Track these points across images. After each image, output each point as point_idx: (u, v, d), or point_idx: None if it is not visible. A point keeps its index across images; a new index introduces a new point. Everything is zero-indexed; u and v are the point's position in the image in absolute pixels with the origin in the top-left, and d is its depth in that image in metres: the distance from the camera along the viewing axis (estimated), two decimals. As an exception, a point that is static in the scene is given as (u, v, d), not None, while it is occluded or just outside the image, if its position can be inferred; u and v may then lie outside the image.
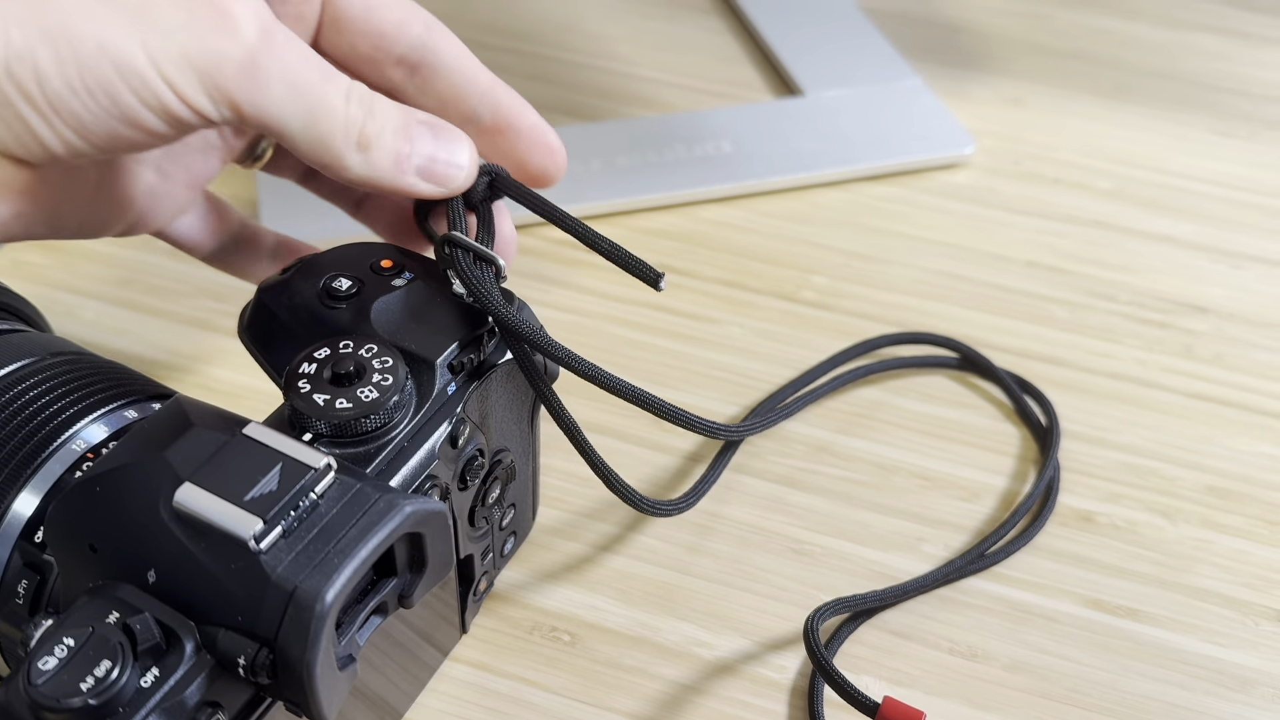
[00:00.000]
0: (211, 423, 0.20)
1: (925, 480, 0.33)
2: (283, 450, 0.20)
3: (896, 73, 0.48)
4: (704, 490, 0.30)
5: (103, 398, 0.24)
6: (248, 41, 0.20)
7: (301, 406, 0.21)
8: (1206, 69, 0.50)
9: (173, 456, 0.19)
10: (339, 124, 0.21)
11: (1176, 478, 0.34)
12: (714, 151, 0.44)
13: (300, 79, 0.20)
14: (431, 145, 0.23)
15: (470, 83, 0.25)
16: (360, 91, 0.22)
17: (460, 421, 0.23)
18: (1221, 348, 0.38)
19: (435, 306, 0.24)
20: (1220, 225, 0.43)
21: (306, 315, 0.24)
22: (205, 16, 0.19)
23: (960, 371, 0.37)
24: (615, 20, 0.52)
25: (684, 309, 0.39)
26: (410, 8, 0.24)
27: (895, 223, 0.42)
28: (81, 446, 0.23)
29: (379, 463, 0.22)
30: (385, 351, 0.22)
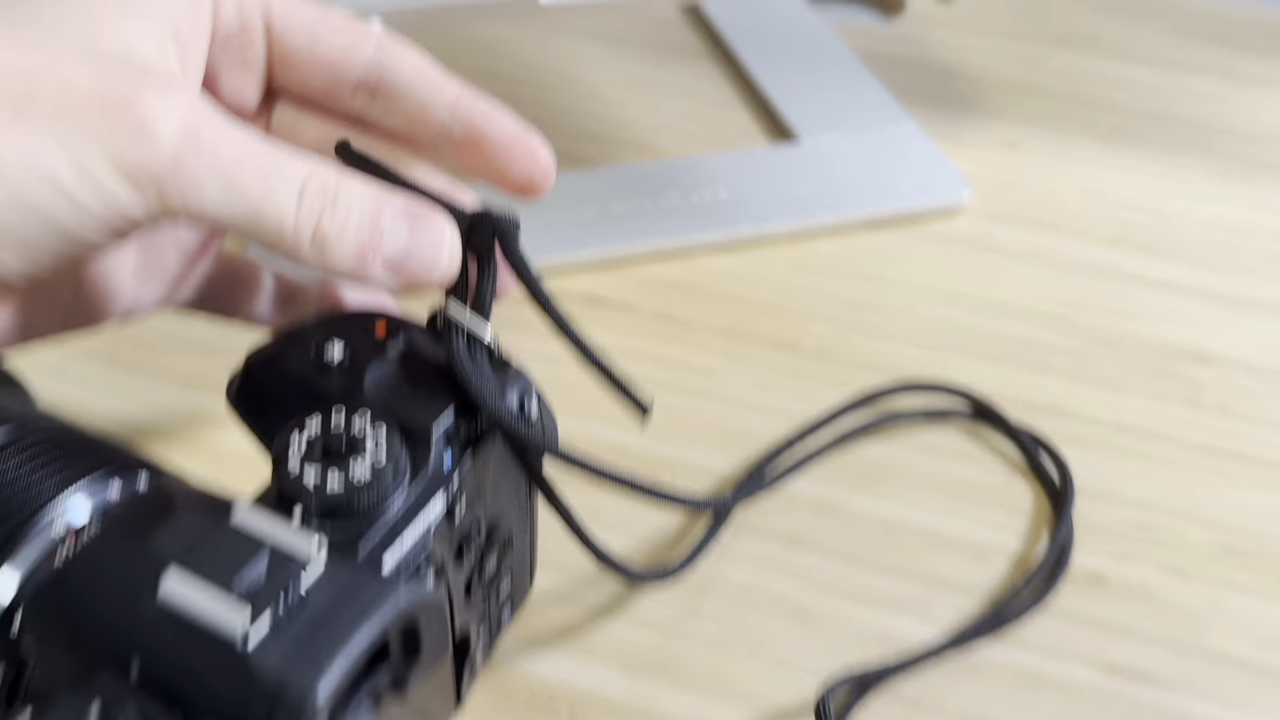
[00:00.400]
0: (196, 505, 0.19)
1: (934, 539, 0.32)
2: (270, 536, 0.19)
3: (891, 117, 0.48)
4: (698, 556, 0.30)
5: (85, 469, 0.23)
6: (168, 145, 0.19)
7: (291, 485, 0.20)
8: (1202, 110, 0.50)
9: (157, 542, 0.19)
10: (287, 222, 0.20)
11: (1187, 535, 0.33)
12: (709, 198, 0.44)
13: (235, 177, 0.19)
14: (406, 238, 0.21)
15: (434, 97, 0.23)
16: (320, 181, 0.20)
17: (457, 494, 0.22)
18: (1227, 397, 0.37)
19: (430, 373, 0.23)
20: (1221, 270, 0.42)
21: (297, 384, 0.23)
22: (122, 121, 0.19)
23: (968, 423, 0.36)
24: (608, 65, 0.52)
25: (681, 359, 0.38)
26: (358, 31, 0.23)
27: (893, 270, 0.42)
28: (62, 526, 0.22)
29: (371, 542, 0.21)
30: (378, 423, 0.22)
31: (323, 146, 0.24)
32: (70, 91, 0.18)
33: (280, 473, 0.21)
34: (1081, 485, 0.34)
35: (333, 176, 0.21)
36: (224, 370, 0.36)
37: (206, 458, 0.34)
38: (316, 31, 0.23)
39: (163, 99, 0.19)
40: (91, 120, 0.18)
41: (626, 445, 0.35)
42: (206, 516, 0.19)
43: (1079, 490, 0.34)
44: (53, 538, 0.22)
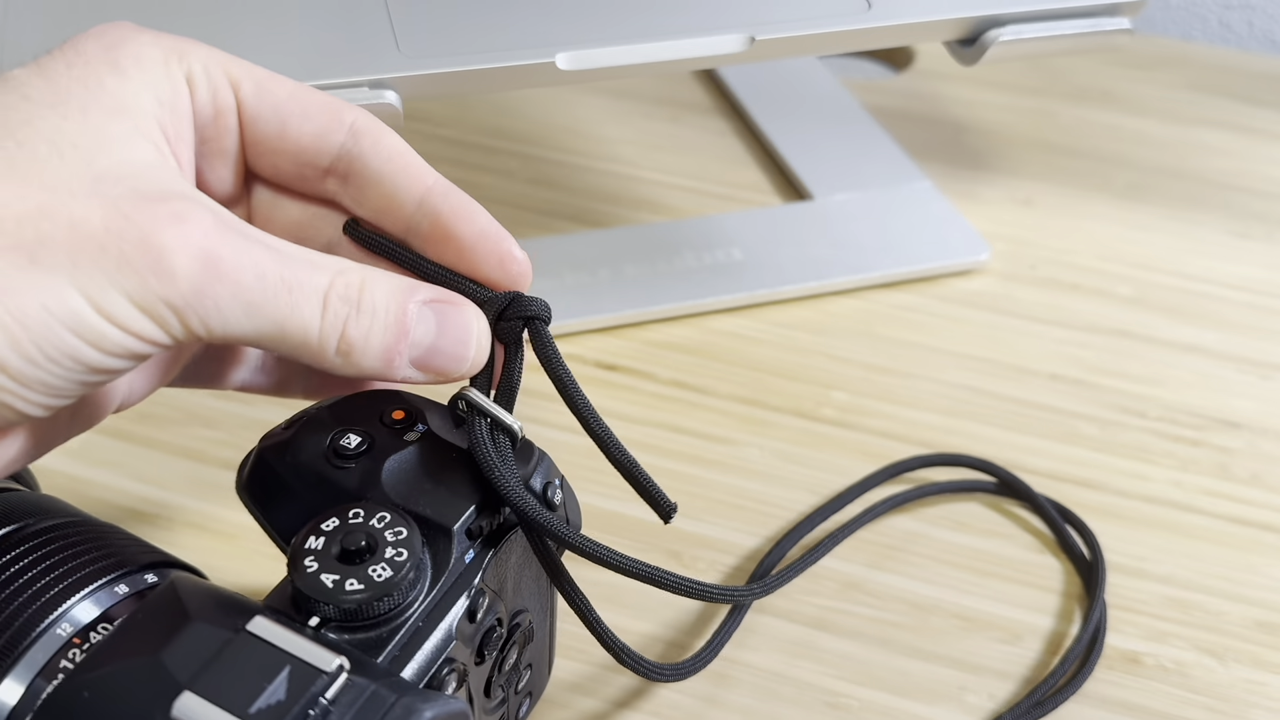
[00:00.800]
0: (211, 615, 0.19)
1: (965, 620, 0.31)
2: (290, 650, 0.18)
3: (905, 175, 0.48)
4: (716, 649, 0.29)
5: (91, 572, 0.22)
6: (187, 278, 0.18)
7: (309, 589, 0.20)
8: (1218, 166, 0.50)
9: (169, 658, 0.18)
10: (312, 336, 0.20)
11: (1223, 612, 0.32)
12: (724, 259, 0.43)
13: (258, 299, 0.19)
14: (433, 333, 0.21)
15: (404, 189, 0.22)
16: (343, 287, 0.20)
17: (479, 594, 0.22)
18: (1258, 466, 0.37)
19: (451, 463, 0.22)
20: (1245, 333, 0.42)
21: (312, 476, 0.22)
22: (139, 259, 0.18)
23: (995, 496, 0.35)
24: (618, 122, 0.52)
25: (701, 429, 0.37)
26: (331, 114, 0.22)
27: (913, 333, 0.41)
28: (68, 630, 0.21)
29: (392, 649, 0.20)
30: (398, 521, 0.21)
31: (302, 229, 0.24)
32: (83, 232, 0.18)
33: (297, 577, 0.20)
34: (1111, 559, 0.33)
35: (355, 279, 0.20)
36: (225, 440, 0.36)
37: (208, 536, 0.33)
38: (286, 116, 0.22)
39: (176, 229, 0.18)
40: (108, 260, 0.18)
41: (647, 519, 0.34)
42: (223, 628, 0.18)
43: (1112, 565, 0.33)
44: (59, 640, 0.21)
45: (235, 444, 0.35)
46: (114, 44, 0.21)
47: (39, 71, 0.20)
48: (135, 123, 0.20)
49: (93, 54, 0.20)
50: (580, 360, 0.40)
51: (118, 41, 0.21)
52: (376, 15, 0.32)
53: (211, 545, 0.33)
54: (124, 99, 0.20)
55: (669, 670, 0.26)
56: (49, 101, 0.19)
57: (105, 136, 0.19)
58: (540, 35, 0.32)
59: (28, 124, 0.19)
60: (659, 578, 0.23)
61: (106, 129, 0.19)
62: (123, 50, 0.20)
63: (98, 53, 0.20)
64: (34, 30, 0.31)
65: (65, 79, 0.20)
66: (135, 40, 0.21)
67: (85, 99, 0.19)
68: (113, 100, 0.20)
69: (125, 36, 0.21)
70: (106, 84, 0.20)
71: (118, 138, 0.19)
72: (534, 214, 0.46)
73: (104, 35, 0.21)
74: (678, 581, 0.23)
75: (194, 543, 0.33)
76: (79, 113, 0.19)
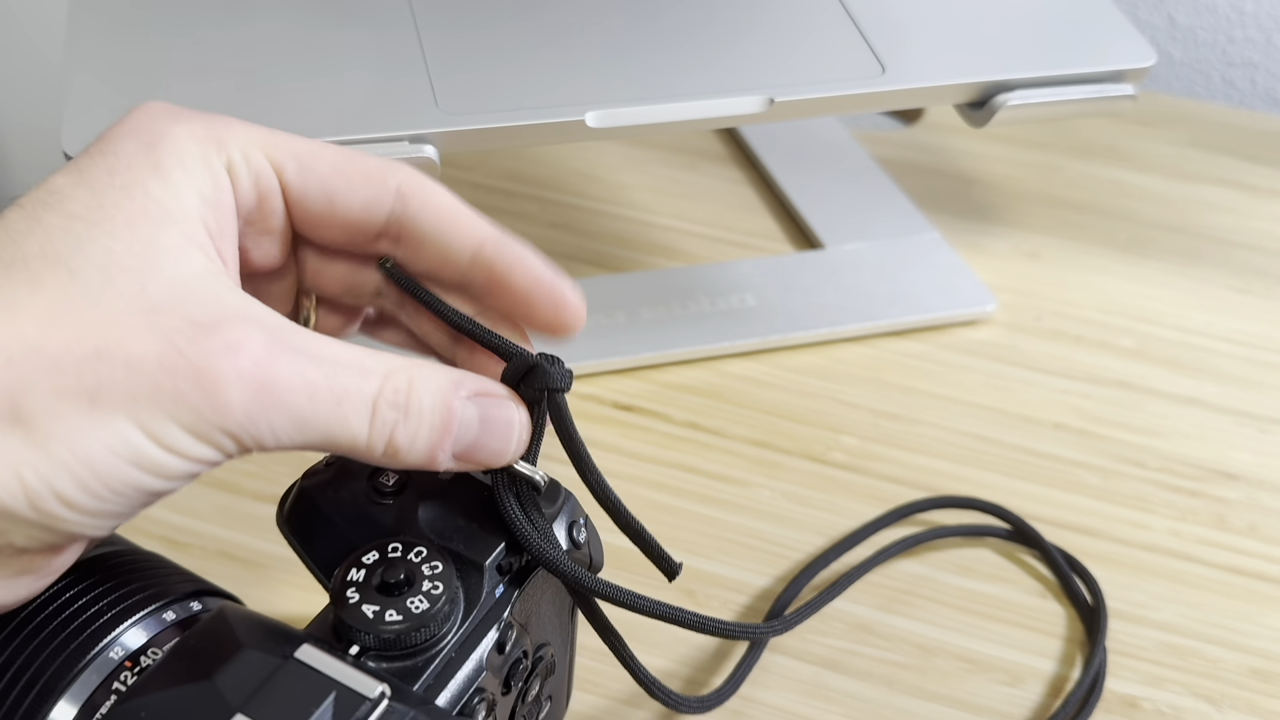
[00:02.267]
0: (261, 643, 0.20)
1: (969, 663, 0.33)
2: (336, 677, 0.19)
3: (914, 226, 0.49)
4: (738, 683, 0.30)
5: (141, 599, 0.23)
6: (241, 407, 0.19)
7: (351, 619, 0.21)
8: (1219, 223, 0.52)
9: (222, 683, 0.19)
10: (360, 442, 0.20)
11: (1219, 659, 0.33)
12: (737, 305, 0.45)
13: (309, 416, 0.19)
14: (475, 429, 0.21)
15: (456, 246, 0.23)
16: (393, 389, 0.20)
17: (508, 626, 0.23)
18: (1255, 518, 0.38)
19: (483, 502, 0.24)
20: (1244, 387, 0.43)
21: (352, 511, 0.24)
22: (194, 394, 0.19)
23: (1000, 542, 0.37)
24: (634, 169, 0.53)
25: (713, 470, 0.39)
26: (377, 182, 0.22)
27: (920, 380, 0.43)
28: (120, 654, 0.22)
29: (427, 677, 0.21)
30: (435, 556, 0.22)
31: (352, 282, 0.24)
32: (140, 372, 0.18)
33: (340, 607, 0.21)
34: (1111, 606, 0.34)
35: (404, 382, 0.21)
36: (256, 473, 0.37)
37: (237, 565, 0.34)
38: (333, 190, 0.22)
39: (229, 361, 0.19)
40: (164, 397, 0.19)
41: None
42: (273, 655, 0.19)
43: (1111, 611, 0.34)
44: (111, 664, 0.22)
45: (266, 476, 0.37)
46: (153, 142, 0.20)
47: (81, 181, 0.20)
48: (181, 229, 0.20)
49: (132, 156, 0.20)
50: (597, 401, 0.41)
51: (156, 139, 0.21)
52: (416, 73, 0.34)
53: (241, 573, 0.34)
54: (169, 205, 0.20)
55: (695, 703, 0.27)
56: (95, 219, 0.19)
57: (155, 252, 0.19)
58: (570, 94, 0.34)
59: (79, 249, 0.19)
60: (682, 618, 0.24)
61: (156, 242, 0.19)
62: (162, 149, 0.20)
63: (138, 154, 0.20)
64: (94, 97, 0.33)
65: (109, 189, 0.20)
66: (172, 135, 0.21)
67: (132, 211, 0.20)
68: (159, 209, 0.20)
69: (162, 132, 0.21)
70: (152, 191, 0.20)
71: (167, 251, 0.19)
72: (552, 257, 0.47)
73: (140, 132, 0.21)
74: (700, 620, 0.24)
75: (224, 570, 0.34)
76: (127, 229, 0.19)
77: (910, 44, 0.38)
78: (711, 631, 0.24)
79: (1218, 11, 0.63)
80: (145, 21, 0.35)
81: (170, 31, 0.34)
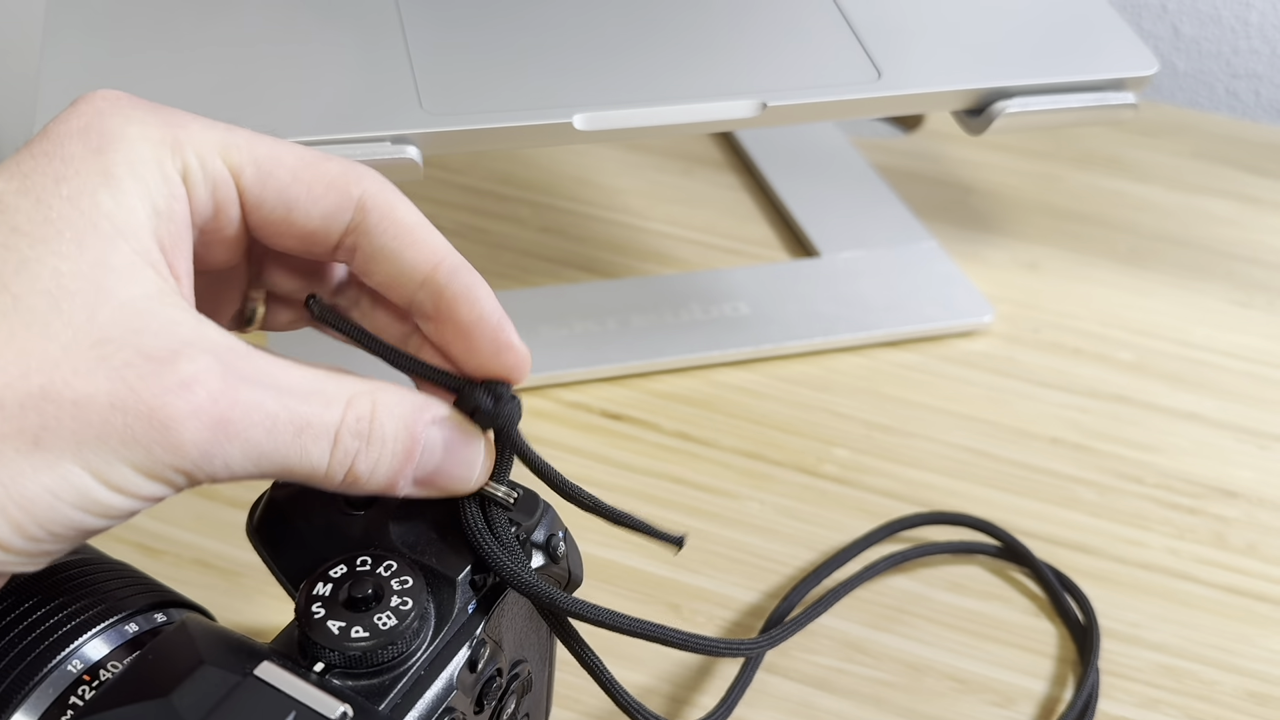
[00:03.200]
0: (221, 659, 0.19)
1: (959, 683, 0.32)
2: (296, 696, 0.19)
3: (912, 235, 0.49)
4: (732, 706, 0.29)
5: (103, 610, 0.23)
6: (196, 445, 0.18)
7: (315, 635, 0.20)
8: (1221, 235, 0.51)
9: (179, 701, 0.18)
10: (320, 471, 0.20)
11: (1215, 681, 0.33)
12: (731, 313, 0.44)
13: (267, 449, 0.19)
14: (439, 455, 0.21)
15: (409, 269, 0.21)
16: (355, 417, 0.20)
17: (480, 644, 0.22)
18: (1254, 536, 0.37)
19: (456, 515, 0.23)
20: (1245, 402, 0.43)
21: (323, 522, 0.23)
22: (145, 434, 0.18)
23: (993, 559, 0.36)
24: (629, 173, 0.53)
25: (703, 482, 0.38)
26: (339, 191, 0.21)
27: (916, 392, 0.42)
28: (79, 667, 0.22)
29: (393, 697, 0.21)
30: (405, 570, 0.22)
31: (302, 285, 0.24)
32: (88, 410, 0.18)
33: (304, 623, 0.21)
34: (1106, 625, 0.34)
35: (366, 409, 0.20)
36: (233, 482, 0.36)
37: (211, 573, 0.34)
38: (292, 199, 0.21)
39: (183, 399, 0.18)
40: (114, 437, 0.18)
41: (648, 572, 0.35)
42: (232, 671, 0.19)
43: (1107, 632, 0.34)
44: (70, 676, 0.22)
45: (243, 483, 0.36)
46: (102, 146, 0.19)
47: (25, 188, 0.19)
48: (133, 246, 0.19)
49: (81, 161, 0.19)
50: (586, 409, 0.41)
51: (106, 142, 0.19)
52: (401, 72, 0.33)
53: (215, 582, 0.34)
54: (120, 219, 0.19)
55: None
56: (42, 235, 0.18)
57: (105, 274, 0.18)
58: (558, 96, 0.33)
59: (24, 270, 0.18)
60: (664, 636, 0.23)
61: (106, 262, 0.18)
62: (112, 154, 0.19)
63: (86, 159, 0.19)
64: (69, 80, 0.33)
65: (55, 200, 0.18)
66: (124, 137, 0.19)
67: (81, 227, 0.18)
68: (109, 223, 0.19)
69: (113, 134, 0.19)
70: (102, 203, 0.19)
71: (117, 271, 0.18)
72: (544, 262, 0.47)
73: (89, 133, 0.19)
74: (683, 638, 0.23)
75: (198, 579, 0.34)
76: (75, 247, 0.18)
77: (907, 49, 0.37)
78: (695, 649, 0.24)
79: (1222, 23, 0.62)
80: (125, 19, 0.34)
81: (150, 29, 0.34)
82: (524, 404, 0.23)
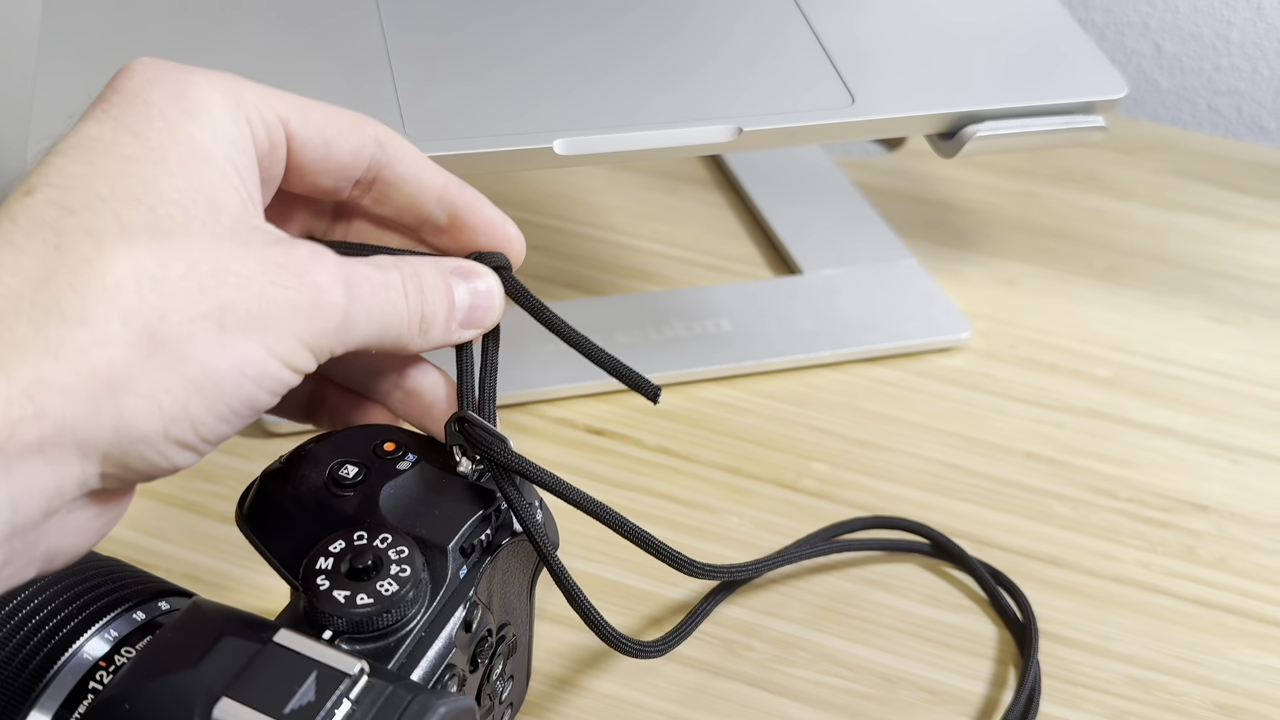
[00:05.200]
0: (239, 630, 0.23)
1: (890, 682, 0.36)
2: (315, 657, 0.22)
3: (893, 253, 0.53)
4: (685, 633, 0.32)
5: (110, 601, 0.26)
6: (340, 309, 0.23)
7: (323, 605, 0.24)
8: (1198, 251, 0.55)
9: (205, 670, 0.22)
10: (405, 323, 0.25)
11: (1184, 693, 0.36)
12: (713, 329, 0.48)
13: (377, 307, 0.24)
14: (468, 295, 0.27)
15: (426, 189, 0.27)
16: (408, 276, 0.25)
17: (473, 605, 0.26)
18: (1224, 549, 0.41)
19: (442, 488, 0.27)
20: (1218, 417, 0.46)
21: (313, 504, 0.26)
22: (305, 306, 0.22)
23: (935, 560, 0.40)
24: (616, 192, 0.57)
25: (683, 496, 0.42)
26: (362, 131, 0.26)
27: (893, 407, 0.46)
28: (93, 655, 0.25)
29: (399, 656, 0.24)
30: (400, 541, 0.25)
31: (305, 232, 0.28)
32: (250, 289, 0.22)
33: (311, 594, 0.24)
34: (1079, 639, 0.38)
35: (410, 267, 0.25)
36: (224, 494, 0.40)
37: (207, 586, 0.37)
38: (329, 138, 0.26)
39: (321, 268, 0.23)
40: (282, 312, 0.22)
41: (630, 585, 0.38)
42: (252, 640, 0.22)
43: (1076, 644, 0.37)
44: (85, 665, 0.25)
45: (234, 498, 0.39)
46: (179, 92, 0.23)
47: (121, 128, 0.22)
48: (221, 169, 0.23)
49: (164, 103, 0.23)
50: (570, 424, 0.44)
51: (181, 89, 0.23)
52: (386, 98, 0.37)
53: (206, 595, 0.37)
54: (208, 148, 0.23)
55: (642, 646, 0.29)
56: (151, 159, 0.22)
57: (212, 189, 0.22)
58: (539, 121, 0.37)
59: (149, 187, 0.22)
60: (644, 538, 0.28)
61: (209, 180, 0.22)
62: (191, 99, 0.23)
63: (168, 101, 0.23)
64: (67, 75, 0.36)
65: (152, 133, 0.22)
66: (194, 84, 0.23)
67: (181, 154, 0.22)
68: (202, 151, 0.23)
69: (185, 82, 0.23)
70: (193, 135, 0.23)
71: (217, 187, 0.22)
72: (531, 280, 0.50)
73: (162, 82, 0.23)
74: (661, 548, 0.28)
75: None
76: (182, 168, 0.22)
77: (881, 74, 0.41)
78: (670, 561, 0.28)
79: (1203, 40, 0.67)
80: (117, 45, 0.38)
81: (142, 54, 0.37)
82: (510, 420, 0.27)
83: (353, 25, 0.40)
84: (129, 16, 0.39)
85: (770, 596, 0.38)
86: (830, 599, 0.38)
